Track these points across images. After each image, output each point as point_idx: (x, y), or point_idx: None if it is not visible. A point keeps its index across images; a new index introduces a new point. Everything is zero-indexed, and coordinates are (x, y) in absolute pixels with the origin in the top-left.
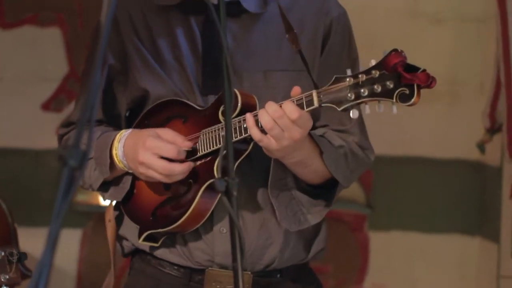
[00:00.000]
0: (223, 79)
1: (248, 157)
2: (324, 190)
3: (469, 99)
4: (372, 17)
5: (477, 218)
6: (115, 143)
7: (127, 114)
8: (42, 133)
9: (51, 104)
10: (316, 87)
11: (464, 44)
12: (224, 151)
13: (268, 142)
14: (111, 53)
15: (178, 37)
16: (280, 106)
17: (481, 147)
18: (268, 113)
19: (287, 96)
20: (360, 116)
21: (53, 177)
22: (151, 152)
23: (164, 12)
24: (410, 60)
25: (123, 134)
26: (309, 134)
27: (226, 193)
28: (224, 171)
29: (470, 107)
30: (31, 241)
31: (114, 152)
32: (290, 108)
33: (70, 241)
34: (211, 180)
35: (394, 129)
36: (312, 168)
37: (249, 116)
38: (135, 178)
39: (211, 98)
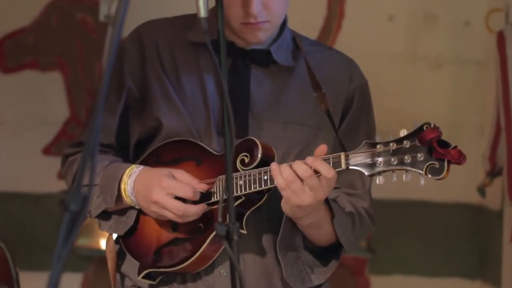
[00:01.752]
0: (242, 125)
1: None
2: (328, 253)
3: (469, 142)
4: (372, 62)
5: (478, 262)
6: (125, 178)
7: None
8: (43, 177)
9: (52, 148)
10: (343, 149)
11: (463, 88)
12: (241, 199)
13: (290, 194)
14: (131, 77)
15: (204, 77)
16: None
17: (481, 190)
18: (297, 172)
19: (302, 150)
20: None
21: (54, 221)
22: (166, 192)
23: (193, 48)
24: (410, 103)
25: (134, 170)
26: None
27: (227, 237)
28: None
29: (470, 150)
30: (32, 285)
31: (122, 186)
32: (325, 168)
33: (71, 285)
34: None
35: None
36: (323, 231)
37: (274, 165)
38: (140, 213)
39: None
